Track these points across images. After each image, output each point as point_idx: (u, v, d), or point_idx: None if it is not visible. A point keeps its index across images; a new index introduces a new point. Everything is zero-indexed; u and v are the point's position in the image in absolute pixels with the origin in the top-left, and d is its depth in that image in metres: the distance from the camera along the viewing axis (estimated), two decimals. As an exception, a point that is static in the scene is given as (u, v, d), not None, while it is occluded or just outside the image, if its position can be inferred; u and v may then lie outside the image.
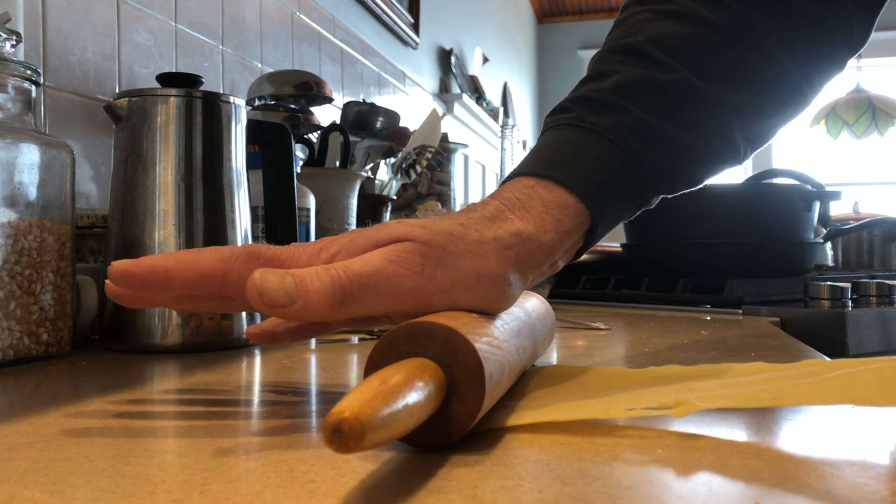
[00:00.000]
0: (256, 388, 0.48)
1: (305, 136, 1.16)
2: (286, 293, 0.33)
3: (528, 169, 0.44)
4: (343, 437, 0.22)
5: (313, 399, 0.43)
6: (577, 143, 0.45)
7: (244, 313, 0.64)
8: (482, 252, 0.38)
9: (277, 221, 0.73)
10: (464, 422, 0.30)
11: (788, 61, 0.51)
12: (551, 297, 1.08)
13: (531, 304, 0.48)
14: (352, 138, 1.23)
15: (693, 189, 0.52)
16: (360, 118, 1.33)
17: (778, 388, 0.33)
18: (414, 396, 0.26)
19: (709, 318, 0.91)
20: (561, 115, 0.48)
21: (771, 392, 0.33)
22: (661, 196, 0.51)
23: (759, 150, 0.55)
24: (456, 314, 0.34)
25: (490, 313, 0.38)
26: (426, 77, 2.51)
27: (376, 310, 0.35)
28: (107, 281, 0.36)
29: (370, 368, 0.31)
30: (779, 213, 1.13)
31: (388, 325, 0.37)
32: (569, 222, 0.42)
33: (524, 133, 4.63)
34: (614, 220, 0.47)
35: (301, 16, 1.54)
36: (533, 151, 0.47)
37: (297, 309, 0.33)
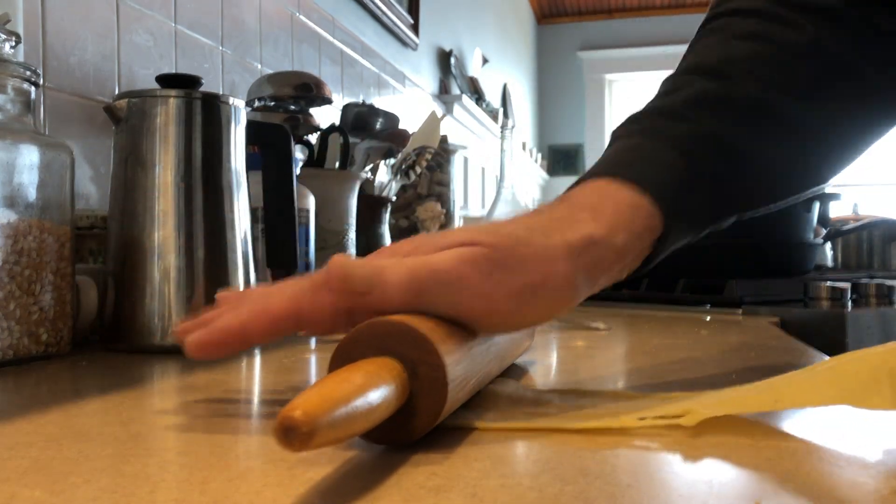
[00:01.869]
0: (256, 388, 0.48)
1: (305, 138, 1.16)
2: (367, 280, 0.34)
3: (599, 171, 0.43)
4: (292, 436, 0.23)
5: (313, 399, 0.43)
6: (645, 148, 0.44)
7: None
8: (550, 256, 0.37)
9: (277, 222, 0.73)
10: (424, 423, 0.30)
11: (875, 75, 0.49)
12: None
13: None
14: (351, 139, 1.23)
15: (773, 208, 0.51)
16: (360, 119, 1.33)
17: (777, 388, 0.33)
18: (372, 396, 0.26)
19: (709, 318, 0.91)
20: (631, 126, 0.47)
21: (772, 394, 0.33)
22: (736, 215, 0.49)
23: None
24: (426, 317, 0.34)
25: (532, 324, 0.38)
26: (426, 78, 2.51)
27: (445, 308, 0.35)
28: (187, 345, 0.36)
29: (333, 365, 0.31)
30: (779, 213, 1.13)
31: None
32: (640, 223, 0.41)
33: (524, 134, 4.63)
34: (686, 232, 0.45)
35: (301, 17, 1.54)
36: (603, 158, 0.46)
37: (376, 297, 0.34)
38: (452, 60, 2.82)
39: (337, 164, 1.20)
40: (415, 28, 2.29)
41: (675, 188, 0.43)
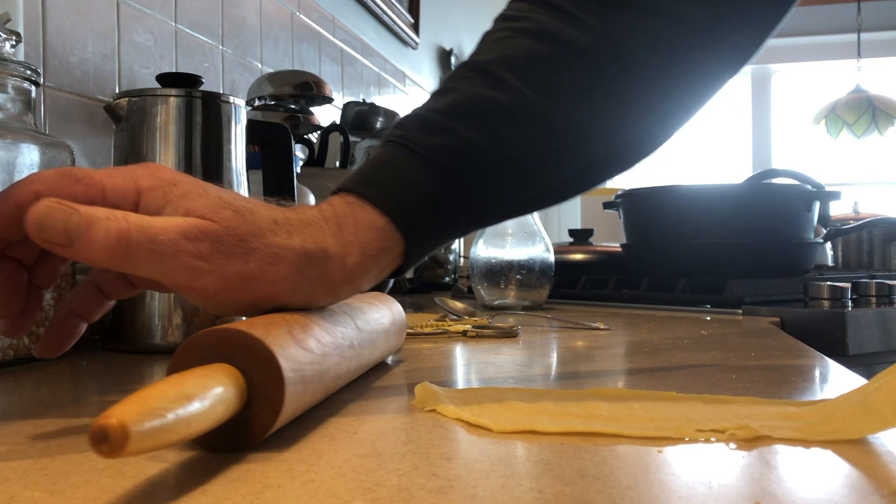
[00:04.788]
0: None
1: (305, 137, 1.16)
2: (67, 233, 0.32)
3: (351, 185, 0.43)
4: (104, 444, 0.23)
5: (313, 399, 0.43)
6: (399, 163, 0.44)
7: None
8: (280, 255, 0.37)
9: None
10: (261, 429, 0.30)
11: (659, 69, 0.48)
12: (551, 297, 1.08)
13: (359, 304, 0.47)
14: (352, 138, 1.23)
15: (538, 209, 0.51)
16: (360, 118, 1.33)
17: (835, 418, 0.32)
18: (198, 404, 0.26)
19: (709, 318, 0.91)
20: (393, 132, 0.46)
21: (831, 425, 0.32)
22: (501, 215, 0.49)
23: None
24: (269, 319, 0.34)
25: (254, 313, 0.38)
26: (426, 77, 2.51)
27: (149, 275, 0.35)
28: None
29: (171, 370, 0.30)
30: (779, 213, 1.13)
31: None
32: (376, 245, 0.41)
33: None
34: (436, 241, 0.46)
35: (301, 16, 1.54)
36: (361, 167, 0.46)
37: (76, 251, 0.32)
38: (453, 59, 2.82)
39: (337, 163, 1.19)
40: (415, 27, 2.29)
41: (419, 208, 0.43)
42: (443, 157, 0.44)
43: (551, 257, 1.06)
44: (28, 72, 0.57)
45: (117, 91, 0.96)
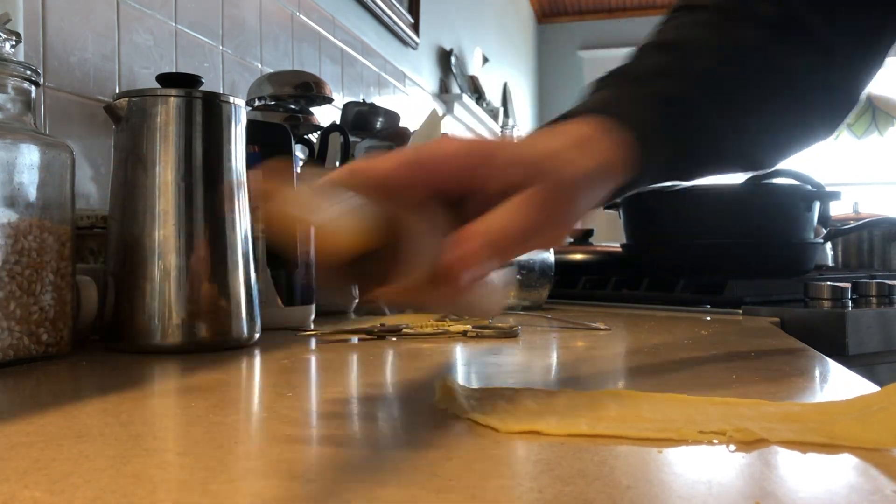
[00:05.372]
0: (256, 388, 0.48)
1: (305, 137, 1.16)
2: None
3: (583, 110, 0.46)
4: None
5: (314, 399, 0.43)
6: (626, 99, 0.47)
7: (242, 315, 0.64)
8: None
9: (277, 222, 0.73)
10: None
11: (840, 55, 0.54)
12: (551, 298, 1.08)
13: None
14: (352, 139, 1.23)
15: (764, 171, 0.57)
16: (360, 118, 1.32)
17: (832, 425, 0.32)
18: None
19: (709, 318, 0.91)
20: (601, 83, 0.50)
21: (824, 430, 0.32)
22: (694, 174, 0.54)
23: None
24: None
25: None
26: (426, 77, 2.51)
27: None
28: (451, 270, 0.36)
29: None
30: (779, 213, 1.13)
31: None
32: (625, 155, 0.44)
33: (524, 133, 4.62)
34: (657, 172, 0.48)
35: (301, 16, 1.54)
36: (582, 103, 0.48)
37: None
38: (453, 59, 2.82)
39: (337, 163, 1.19)
40: (415, 27, 2.28)
41: (654, 130, 0.46)
42: (656, 102, 0.47)
43: (551, 257, 1.06)
44: (28, 72, 0.57)
45: (117, 91, 0.96)
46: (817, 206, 1.16)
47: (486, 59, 3.44)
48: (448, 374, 0.41)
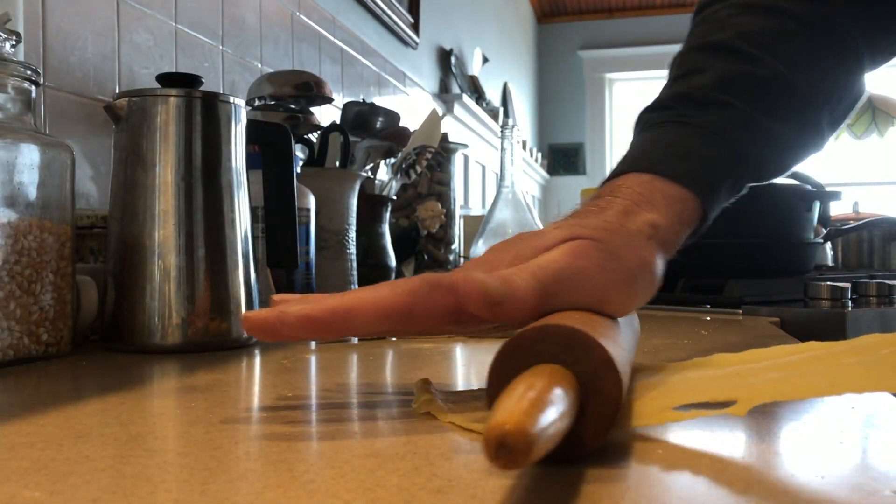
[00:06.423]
0: (256, 388, 0.48)
1: (305, 137, 1.16)
2: (501, 291, 0.34)
3: (639, 165, 0.46)
4: (509, 452, 0.21)
5: (313, 399, 0.43)
6: (685, 141, 0.48)
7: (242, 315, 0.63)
8: (636, 244, 0.40)
9: (277, 222, 0.73)
10: (599, 432, 0.28)
11: (866, 54, 0.54)
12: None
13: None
14: (352, 138, 1.23)
15: (781, 175, 0.56)
16: (360, 118, 1.32)
17: (833, 372, 0.31)
18: (562, 405, 0.25)
19: (709, 318, 0.91)
20: (662, 113, 0.50)
21: (828, 378, 0.30)
22: (762, 178, 0.54)
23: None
24: (575, 315, 0.33)
25: (635, 307, 0.39)
26: (426, 77, 2.51)
27: (568, 306, 0.35)
28: (275, 320, 0.34)
29: (497, 374, 0.30)
30: (779, 213, 1.13)
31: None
32: (688, 215, 0.45)
33: (524, 133, 4.63)
34: (720, 205, 0.50)
35: (301, 16, 1.54)
36: (637, 149, 0.49)
37: (509, 307, 0.34)
38: (453, 59, 2.82)
39: (337, 163, 1.19)
40: (415, 27, 2.28)
41: (713, 180, 0.47)
42: (727, 131, 0.48)
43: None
44: (28, 72, 0.57)
45: (117, 91, 0.96)
46: (817, 205, 1.16)
47: (486, 60, 3.44)
48: (423, 380, 0.41)
